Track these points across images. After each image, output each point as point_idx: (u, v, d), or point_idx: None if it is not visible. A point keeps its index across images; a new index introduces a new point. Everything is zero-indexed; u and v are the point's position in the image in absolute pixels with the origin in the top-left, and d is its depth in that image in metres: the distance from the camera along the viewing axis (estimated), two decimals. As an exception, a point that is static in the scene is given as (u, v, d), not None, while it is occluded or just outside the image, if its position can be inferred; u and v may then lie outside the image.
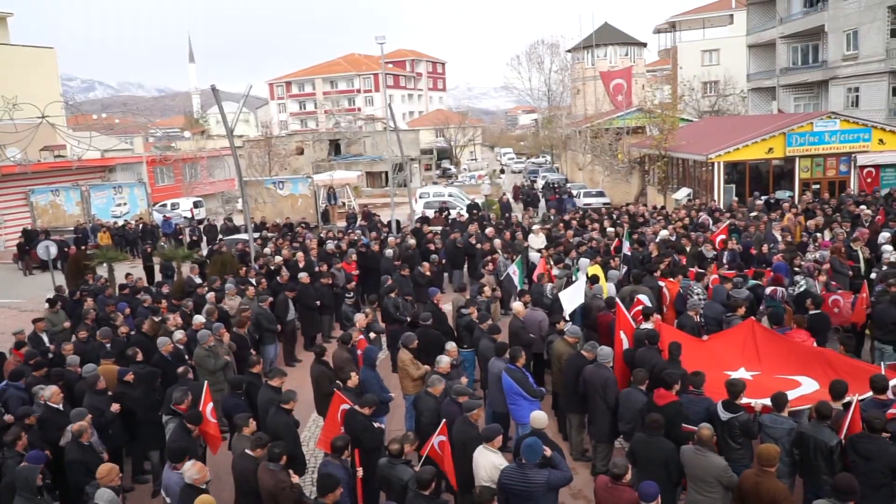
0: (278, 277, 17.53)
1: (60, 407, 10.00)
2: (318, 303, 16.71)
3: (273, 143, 53.06)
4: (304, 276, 16.92)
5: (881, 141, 29.13)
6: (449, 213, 32.03)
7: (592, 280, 14.07)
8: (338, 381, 10.67)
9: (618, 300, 11.97)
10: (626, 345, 10.91)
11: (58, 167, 39.66)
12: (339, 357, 11.27)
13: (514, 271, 16.59)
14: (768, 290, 13.34)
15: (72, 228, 33.51)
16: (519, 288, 15.68)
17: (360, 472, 8.43)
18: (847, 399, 8.33)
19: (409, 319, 13.68)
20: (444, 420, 8.52)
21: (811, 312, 11.77)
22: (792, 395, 8.97)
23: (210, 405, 9.73)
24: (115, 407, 10.29)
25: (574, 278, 15.13)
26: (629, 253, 17.35)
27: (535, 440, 7.51)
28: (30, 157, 36.64)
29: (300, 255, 19.88)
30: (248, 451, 8.23)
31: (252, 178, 38.31)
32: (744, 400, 8.69)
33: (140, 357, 11.52)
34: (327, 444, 8.42)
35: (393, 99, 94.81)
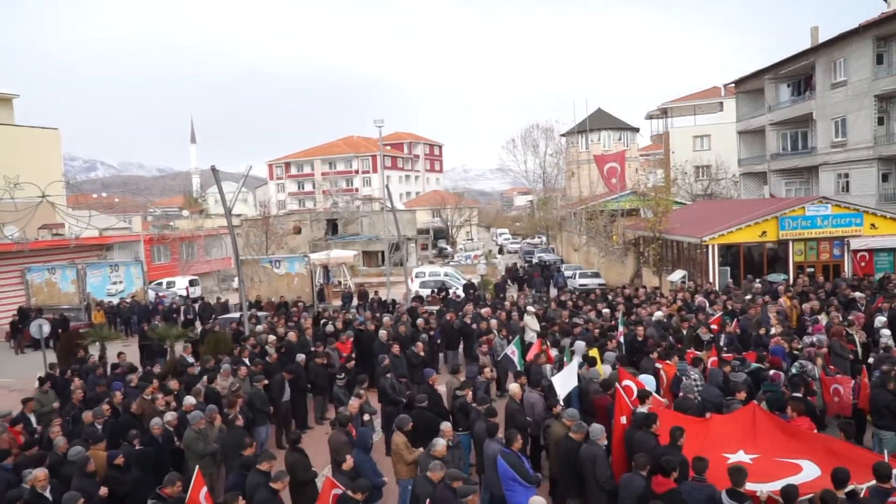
0: (267, 357, 17.40)
1: (47, 493, 9.72)
2: (308, 384, 16.56)
3: (271, 223, 53.68)
4: (300, 357, 16.83)
5: (873, 226, 29.53)
6: (447, 293, 32.06)
7: (590, 362, 13.97)
8: (313, 470, 10.60)
9: (618, 385, 11.85)
10: (623, 425, 10.73)
11: (55, 245, 39.85)
12: (337, 440, 11.08)
13: (512, 352, 16.47)
14: (771, 372, 13.19)
15: (66, 307, 33.37)
16: (519, 369, 15.54)
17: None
18: (850, 487, 8.18)
19: (404, 400, 13.52)
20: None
21: (800, 396, 11.64)
22: (795, 481, 8.79)
23: (204, 490, 9.49)
24: (103, 491, 10.05)
25: (567, 361, 15.00)
26: (622, 337, 17.25)
27: None
28: (28, 235, 36.92)
29: (292, 334, 19.78)
30: None
31: (249, 257, 38.50)
32: (748, 486, 8.50)
33: (136, 441, 11.40)
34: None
35: (390, 180, 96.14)
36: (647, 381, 12.77)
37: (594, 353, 14.64)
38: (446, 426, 10.68)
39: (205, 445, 11.88)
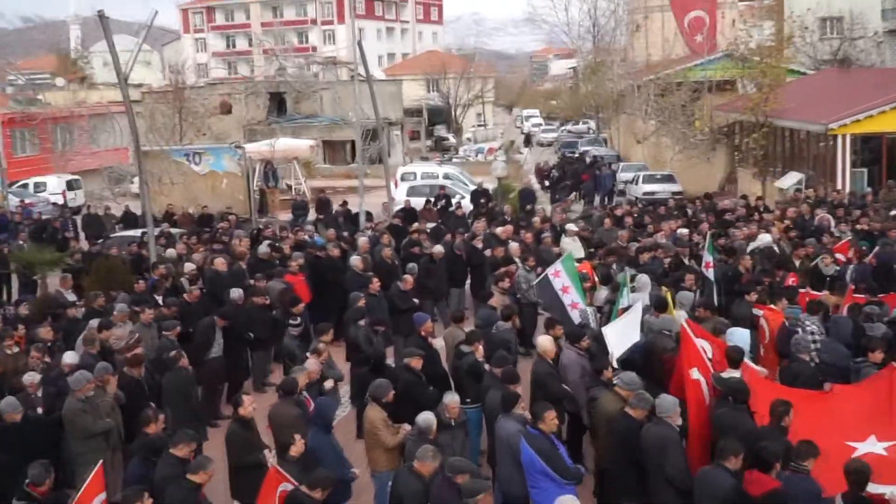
0: (184, 295, 17.44)
1: None
2: (248, 334, 16.72)
3: (187, 97, 53.03)
4: (237, 294, 16.91)
5: None
6: (448, 204, 32.01)
7: (659, 306, 14.01)
8: (265, 452, 10.73)
9: (685, 324, 11.87)
10: (704, 391, 10.85)
11: None
12: (283, 413, 11.20)
13: (555, 272, 16.12)
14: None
15: None
16: (583, 305, 15.56)
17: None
18: None
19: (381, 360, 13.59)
20: None
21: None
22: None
23: (101, 497, 9.47)
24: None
25: (622, 303, 14.98)
26: (708, 269, 17.20)
27: None
28: None
29: (219, 261, 19.81)
30: None
31: (155, 148, 38.22)
32: (874, 489, 8.62)
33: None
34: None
35: (364, 34, 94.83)
36: (739, 337, 12.76)
37: (666, 293, 14.67)
38: (451, 400, 10.77)
39: (94, 420, 11.97)
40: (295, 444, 10.01)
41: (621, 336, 12.96)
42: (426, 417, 10.16)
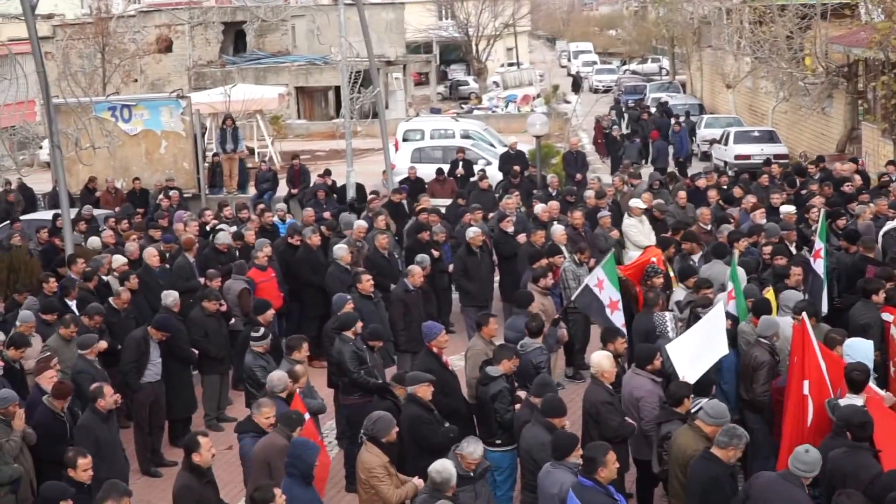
0: (111, 300, 17.48)
1: None
2: (192, 351, 16.76)
3: (112, 30, 52.93)
4: (172, 299, 16.90)
5: None
6: (469, 173, 31.98)
7: (758, 309, 13.99)
8: None
9: (804, 317, 11.84)
10: (809, 416, 10.96)
11: None
12: (269, 449, 11.31)
13: (597, 282, 16.11)
14: None
15: None
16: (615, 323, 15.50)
17: None
18: None
19: (378, 384, 13.64)
20: None
21: None
22: None
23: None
24: None
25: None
26: (816, 260, 17.09)
27: None
28: None
29: (150, 251, 19.85)
30: None
31: (70, 100, 38.17)
32: None
33: None
34: None
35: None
36: (860, 351, 12.68)
37: (768, 292, 14.61)
38: (468, 452, 10.63)
39: None
40: (274, 500, 9.83)
41: (697, 351, 12.85)
42: (442, 468, 9.97)
